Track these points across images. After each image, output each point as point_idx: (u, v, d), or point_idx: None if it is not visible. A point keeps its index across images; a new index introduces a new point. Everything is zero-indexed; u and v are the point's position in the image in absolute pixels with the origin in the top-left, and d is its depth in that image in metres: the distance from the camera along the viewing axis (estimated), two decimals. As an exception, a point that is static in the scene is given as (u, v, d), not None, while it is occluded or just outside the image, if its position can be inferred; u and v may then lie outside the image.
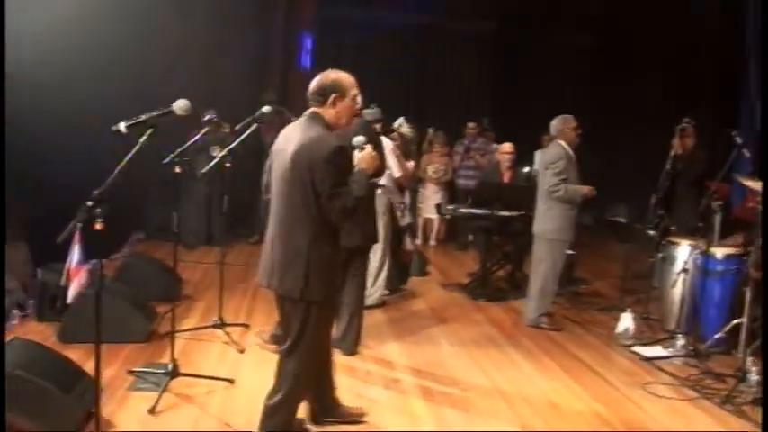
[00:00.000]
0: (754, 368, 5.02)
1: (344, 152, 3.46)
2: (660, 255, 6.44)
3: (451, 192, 10.24)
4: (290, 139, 3.54)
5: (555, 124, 6.38)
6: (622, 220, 7.30)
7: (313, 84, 3.60)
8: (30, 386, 3.66)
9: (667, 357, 5.67)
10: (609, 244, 9.54)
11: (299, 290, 3.48)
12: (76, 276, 5.64)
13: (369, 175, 3.57)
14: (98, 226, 2.87)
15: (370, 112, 5.86)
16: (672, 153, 6.81)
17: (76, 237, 5.59)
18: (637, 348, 5.87)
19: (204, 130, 4.51)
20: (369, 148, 3.61)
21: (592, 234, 9.09)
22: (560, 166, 6.19)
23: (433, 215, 9.92)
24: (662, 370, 5.44)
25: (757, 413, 4.61)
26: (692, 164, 6.96)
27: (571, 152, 6.32)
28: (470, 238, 9.59)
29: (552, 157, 6.27)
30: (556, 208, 6.25)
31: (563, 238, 6.33)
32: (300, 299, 3.50)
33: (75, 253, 5.61)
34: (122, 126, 2.93)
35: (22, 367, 3.72)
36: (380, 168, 5.01)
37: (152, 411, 4.15)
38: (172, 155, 4.40)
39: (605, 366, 5.51)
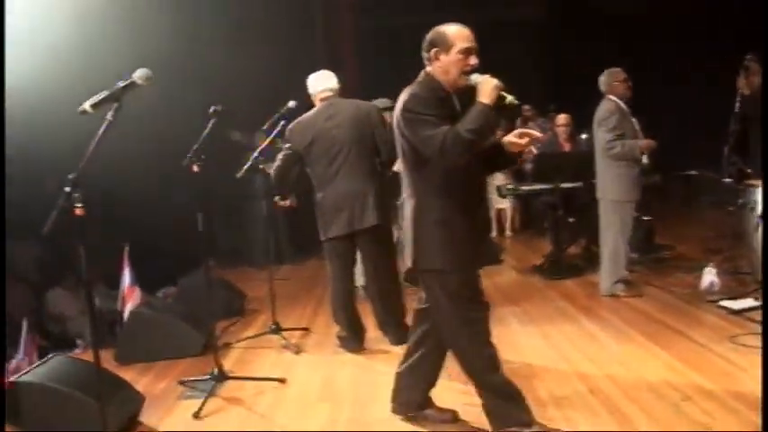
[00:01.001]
0: None
1: (425, 100, 3.16)
2: (740, 201, 5.90)
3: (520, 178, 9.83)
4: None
5: (603, 79, 5.98)
6: (694, 172, 6.78)
7: None
8: (60, 397, 3.58)
9: (758, 308, 5.14)
10: (689, 207, 8.91)
11: (413, 260, 3.33)
12: (131, 299, 5.70)
13: (489, 108, 3.09)
14: (78, 211, 2.71)
15: (381, 101, 5.75)
16: (738, 94, 6.29)
17: (126, 259, 5.67)
18: (725, 303, 5.36)
19: (213, 121, 4.37)
20: (488, 76, 3.16)
21: (668, 197, 8.53)
22: (613, 122, 5.79)
23: (504, 204, 9.54)
24: (754, 321, 4.93)
25: None
26: (761, 103, 6.40)
27: (624, 106, 5.91)
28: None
29: (604, 114, 5.86)
30: (615, 167, 5.84)
31: (627, 198, 5.90)
32: (416, 269, 3.34)
33: (126, 275, 5.68)
34: (87, 105, 2.80)
35: (55, 380, 3.65)
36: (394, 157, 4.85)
37: (197, 416, 4.02)
38: (188, 155, 4.28)
39: (690, 325, 5.04)
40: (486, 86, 3.12)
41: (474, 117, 3.07)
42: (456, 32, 3.22)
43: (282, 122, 5.24)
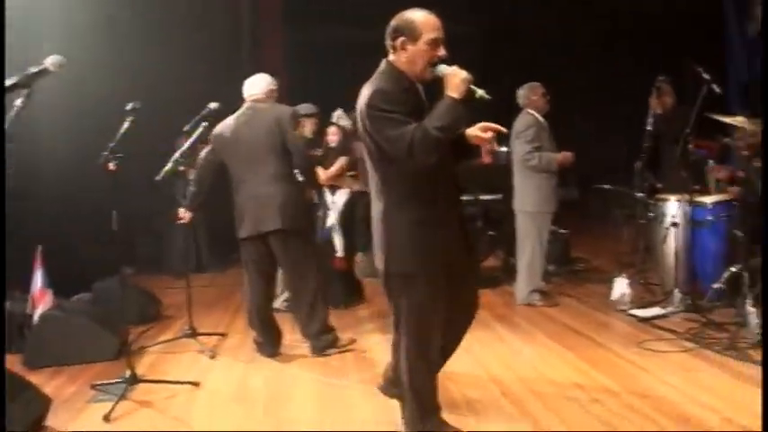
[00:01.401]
0: (753, 310, 4.70)
1: (390, 95, 2.98)
2: (651, 214, 6.14)
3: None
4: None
5: (522, 93, 6.15)
6: (608, 186, 7.02)
7: None
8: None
9: (666, 315, 5.36)
10: (605, 221, 9.15)
11: (385, 264, 3.16)
12: (41, 302, 5.51)
13: (458, 103, 2.91)
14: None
15: (305, 107, 5.83)
16: (651, 113, 6.56)
17: (38, 262, 5.49)
18: (634, 311, 5.56)
19: (130, 120, 4.29)
20: (456, 68, 2.97)
21: (584, 211, 8.80)
22: (531, 135, 5.96)
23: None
24: (660, 328, 5.12)
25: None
26: (672, 122, 6.69)
27: (542, 120, 6.08)
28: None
29: (522, 126, 6.03)
30: (533, 178, 6.00)
31: (544, 210, 6.06)
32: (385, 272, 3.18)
33: (38, 277, 5.49)
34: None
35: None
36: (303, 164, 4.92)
37: (107, 418, 3.91)
38: (104, 153, 4.20)
39: (600, 332, 5.21)
40: (455, 79, 2.93)
41: (442, 113, 2.90)
42: (424, 21, 3.03)
43: (204, 125, 5.19)
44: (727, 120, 5.20)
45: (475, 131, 3.06)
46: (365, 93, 3.06)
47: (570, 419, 3.65)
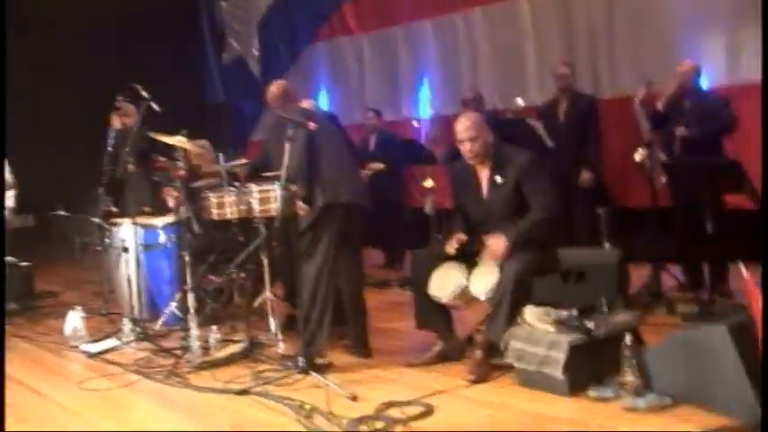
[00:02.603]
0: (196, 333, 4.67)
1: None
2: (107, 240, 5.81)
3: None
4: None
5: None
6: (63, 212, 6.52)
7: None
8: None
9: (117, 348, 5.04)
10: (70, 249, 8.49)
11: None
12: None
13: None
14: None
15: None
16: (111, 133, 6.22)
17: None
18: (85, 346, 5.12)
19: None
20: None
21: (47, 240, 8.06)
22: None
23: None
24: (110, 362, 4.79)
25: (205, 376, 4.30)
26: (136, 141, 6.45)
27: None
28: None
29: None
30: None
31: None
32: None
33: None
34: None
35: None
36: None
37: None
38: None
39: (44, 377, 4.65)
40: None
41: None
42: None
43: None
44: (165, 139, 5.12)
45: None
46: None
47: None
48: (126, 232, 5.49)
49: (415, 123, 7.38)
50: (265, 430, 3.51)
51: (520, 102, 6.25)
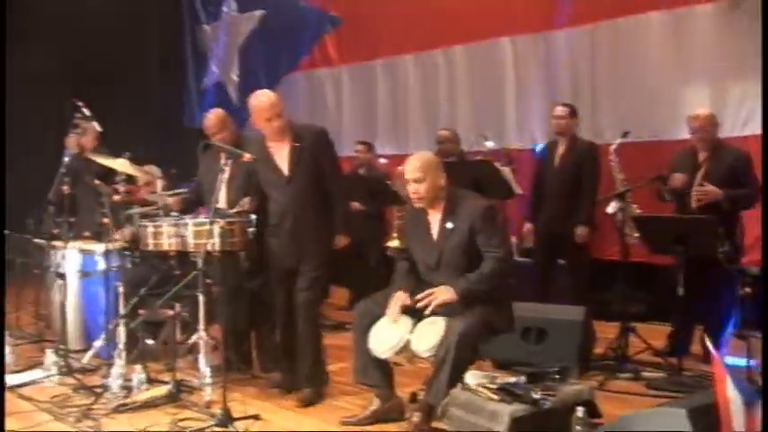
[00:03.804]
0: (119, 371, 4.31)
1: None
2: (45, 263, 5.48)
3: None
4: None
5: None
6: (7, 231, 6.16)
7: None
8: None
9: (38, 381, 4.68)
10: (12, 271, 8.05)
11: None
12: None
13: None
14: None
15: None
16: (67, 153, 5.90)
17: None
18: (8, 377, 4.74)
19: None
20: None
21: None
22: None
23: None
24: (24, 397, 4.41)
25: (120, 421, 3.93)
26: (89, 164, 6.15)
27: None
28: None
29: None
30: None
31: None
32: None
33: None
34: None
35: None
36: None
37: None
38: None
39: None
40: None
41: None
42: None
43: None
44: (106, 162, 4.83)
45: None
46: None
47: None
48: (64, 257, 5.15)
49: (381, 161, 7.03)
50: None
51: (490, 144, 5.95)
